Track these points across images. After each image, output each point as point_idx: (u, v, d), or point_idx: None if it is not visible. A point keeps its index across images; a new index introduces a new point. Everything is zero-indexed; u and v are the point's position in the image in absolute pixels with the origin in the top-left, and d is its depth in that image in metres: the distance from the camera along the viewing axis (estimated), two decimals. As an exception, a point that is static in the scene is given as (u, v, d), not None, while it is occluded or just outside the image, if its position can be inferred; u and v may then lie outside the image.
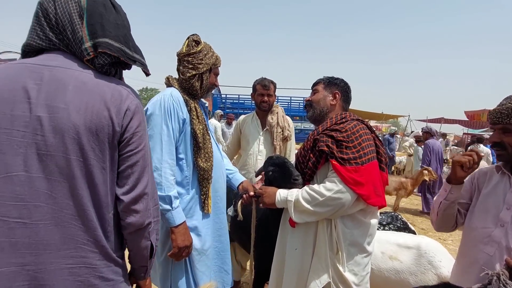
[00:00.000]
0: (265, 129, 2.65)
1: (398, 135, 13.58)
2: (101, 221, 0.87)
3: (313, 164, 1.49)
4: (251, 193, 1.64)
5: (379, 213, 1.66)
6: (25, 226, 0.79)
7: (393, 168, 10.23)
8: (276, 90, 2.73)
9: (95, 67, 0.87)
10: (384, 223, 2.59)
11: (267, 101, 2.59)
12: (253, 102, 2.71)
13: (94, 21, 0.87)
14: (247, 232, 1.84)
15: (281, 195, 1.51)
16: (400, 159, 10.37)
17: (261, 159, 2.61)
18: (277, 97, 2.72)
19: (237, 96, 11.70)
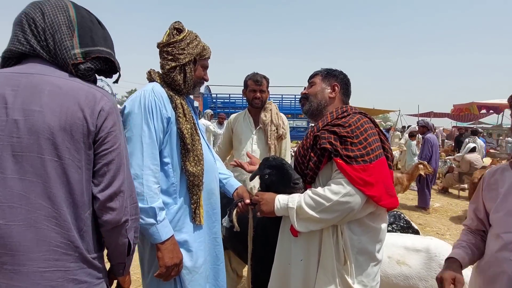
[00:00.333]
0: (258, 127, 2.49)
1: (390, 131, 13.63)
2: (76, 221, 0.89)
3: (315, 164, 1.33)
4: (247, 201, 1.46)
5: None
6: None
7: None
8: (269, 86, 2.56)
9: (79, 72, 0.93)
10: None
11: (260, 98, 2.42)
12: (245, 100, 2.54)
13: (84, 33, 0.96)
14: (242, 240, 1.67)
15: (280, 201, 1.34)
16: (393, 154, 10.35)
17: (255, 159, 2.46)
18: (269, 93, 2.54)
19: (227, 95, 11.54)
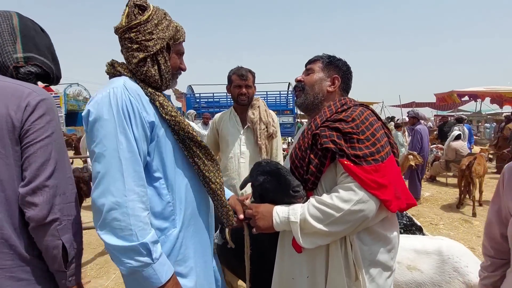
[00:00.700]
0: (246, 126, 2.27)
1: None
2: (11, 218, 0.88)
3: (316, 167, 1.14)
4: (241, 217, 1.23)
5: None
6: None
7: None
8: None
9: (19, 74, 0.99)
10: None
11: (246, 94, 2.20)
12: (230, 97, 2.31)
13: (27, 40, 1.03)
14: (237, 256, 1.46)
15: (280, 215, 1.14)
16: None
17: (244, 162, 2.24)
18: (256, 89, 2.32)
19: (211, 94, 11.27)
